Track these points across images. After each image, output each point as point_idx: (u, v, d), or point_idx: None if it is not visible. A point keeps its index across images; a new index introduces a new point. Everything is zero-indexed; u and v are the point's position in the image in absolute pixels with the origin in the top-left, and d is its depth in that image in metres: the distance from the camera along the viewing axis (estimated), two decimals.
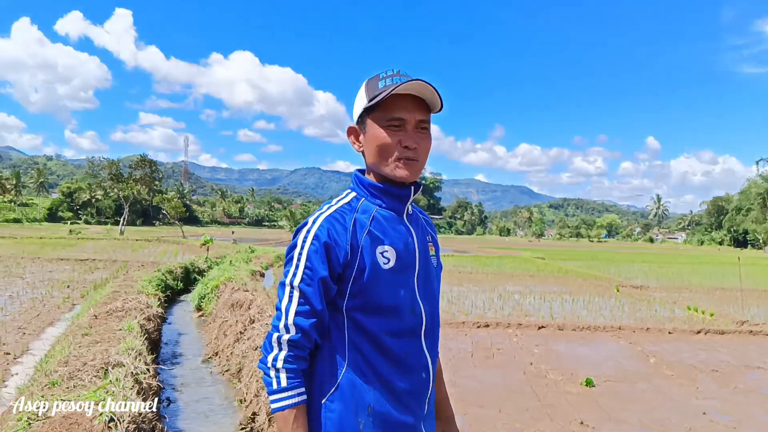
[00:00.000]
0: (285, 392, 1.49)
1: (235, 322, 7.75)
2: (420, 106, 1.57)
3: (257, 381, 5.12)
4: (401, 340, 1.58)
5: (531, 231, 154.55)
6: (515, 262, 30.28)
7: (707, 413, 5.52)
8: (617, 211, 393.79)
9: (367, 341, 1.55)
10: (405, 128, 1.56)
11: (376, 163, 1.60)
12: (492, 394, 5.90)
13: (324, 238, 1.51)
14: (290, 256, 1.56)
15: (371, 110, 1.58)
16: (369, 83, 1.60)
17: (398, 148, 1.56)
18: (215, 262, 19.33)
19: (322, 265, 1.50)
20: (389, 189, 1.62)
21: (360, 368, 1.54)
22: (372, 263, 1.54)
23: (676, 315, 11.95)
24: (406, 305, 1.59)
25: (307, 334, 1.51)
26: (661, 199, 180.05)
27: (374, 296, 1.54)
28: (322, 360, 1.56)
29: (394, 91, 1.50)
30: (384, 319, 1.56)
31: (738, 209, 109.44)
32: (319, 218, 1.56)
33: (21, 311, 9.55)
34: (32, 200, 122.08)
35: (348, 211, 1.60)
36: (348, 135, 1.68)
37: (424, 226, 1.79)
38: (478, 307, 11.99)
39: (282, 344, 1.51)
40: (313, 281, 1.51)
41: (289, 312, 1.51)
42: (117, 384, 3.77)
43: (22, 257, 20.41)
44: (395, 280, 1.57)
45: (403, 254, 1.60)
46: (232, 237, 50.44)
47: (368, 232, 1.56)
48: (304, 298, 1.51)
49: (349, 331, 1.56)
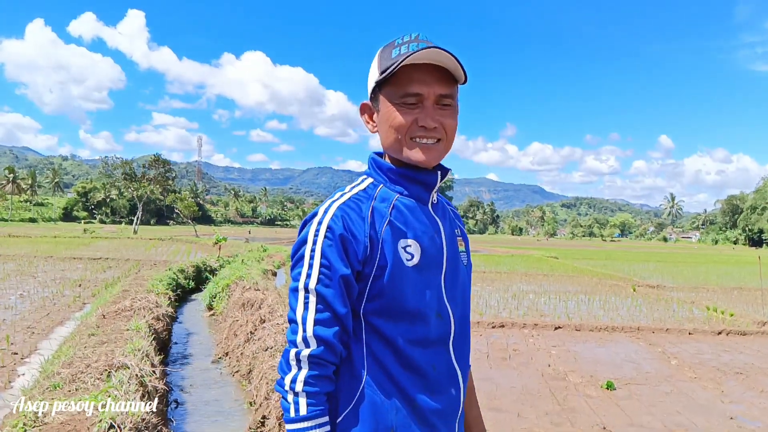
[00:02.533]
0: (304, 422, 1.23)
1: (245, 322, 7.62)
2: (441, 78, 1.31)
3: (267, 383, 4.97)
4: (427, 351, 1.34)
5: (543, 230, 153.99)
6: (528, 261, 30.03)
7: (734, 418, 5.30)
8: (630, 210, 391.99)
9: (389, 352, 1.31)
10: (423, 105, 1.31)
11: (391, 146, 1.36)
12: (510, 396, 5.72)
13: (339, 230, 1.27)
14: (300, 254, 1.30)
15: (383, 84, 1.33)
16: (383, 52, 1.36)
17: (415, 129, 1.32)
18: (227, 260, 19.28)
19: (340, 261, 1.26)
20: (412, 174, 1.38)
21: (381, 384, 1.30)
22: (394, 259, 1.30)
23: (695, 315, 11.69)
24: (431, 309, 1.35)
25: (331, 346, 1.25)
26: (674, 198, 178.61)
27: (397, 299, 1.30)
28: (337, 374, 1.31)
29: (407, 61, 1.26)
30: (407, 325, 1.32)
31: (753, 208, 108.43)
32: (331, 207, 1.31)
33: (31, 310, 9.49)
34: (48, 200, 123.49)
35: (365, 198, 1.35)
36: (361, 113, 1.45)
37: (452, 218, 1.53)
38: (492, 307, 11.79)
39: (302, 362, 1.25)
40: (332, 281, 1.25)
41: (306, 322, 1.25)
42: (119, 387, 3.63)
43: (36, 256, 20.48)
44: (420, 279, 1.33)
45: (428, 249, 1.36)
46: (248, 236, 50.87)
47: (389, 223, 1.32)
48: (323, 302, 1.25)
49: (368, 339, 1.31)
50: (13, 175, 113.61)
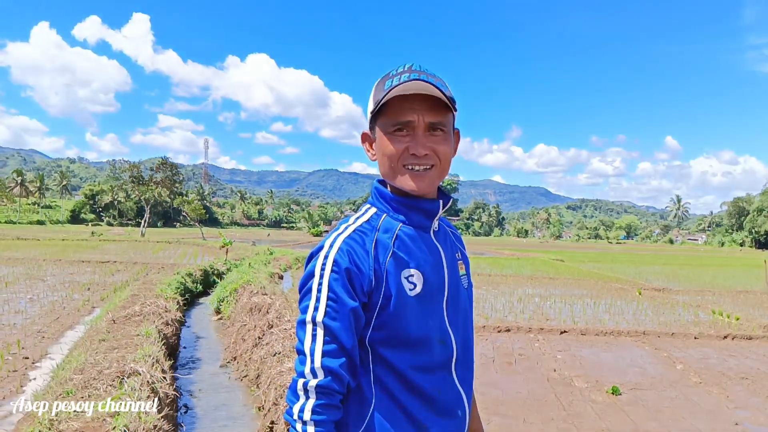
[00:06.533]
0: None
1: (253, 327, 7.69)
2: (432, 107, 1.36)
3: (275, 388, 5.03)
4: (432, 376, 1.40)
5: (549, 232, 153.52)
6: (534, 264, 29.99)
7: (740, 424, 5.32)
8: (636, 212, 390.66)
9: (396, 378, 1.36)
10: (414, 133, 1.36)
11: (386, 174, 1.42)
12: (515, 402, 5.76)
13: (345, 264, 1.31)
14: (307, 287, 1.34)
15: (378, 115, 1.40)
16: (378, 84, 1.41)
17: (407, 157, 1.37)
18: (234, 264, 19.36)
19: (346, 294, 1.30)
20: (413, 203, 1.43)
21: (389, 410, 1.35)
22: (397, 290, 1.35)
23: (700, 319, 11.68)
24: (434, 336, 1.41)
25: (338, 376, 1.30)
26: (680, 200, 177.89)
27: (401, 328, 1.36)
28: (346, 402, 1.36)
29: (397, 92, 1.32)
30: (411, 353, 1.37)
31: (759, 210, 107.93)
32: (336, 240, 1.36)
33: (41, 314, 9.57)
34: (55, 202, 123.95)
35: (368, 230, 1.40)
36: (362, 142, 1.51)
37: (453, 242, 1.58)
38: (498, 311, 11.81)
39: (309, 392, 1.29)
40: (338, 314, 1.30)
41: (314, 354, 1.30)
42: (132, 394, 3.69)
43: (44, 259, 20.56)
44: (422, 308, 1.39)
45: (431, 278, 1.41)
46: (267, 238, 51.59)
47: (392, 254, 1.37)
48: (330, 335, 1.30)
49: (375, 367, 1.37)
50: (21, 177, 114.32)
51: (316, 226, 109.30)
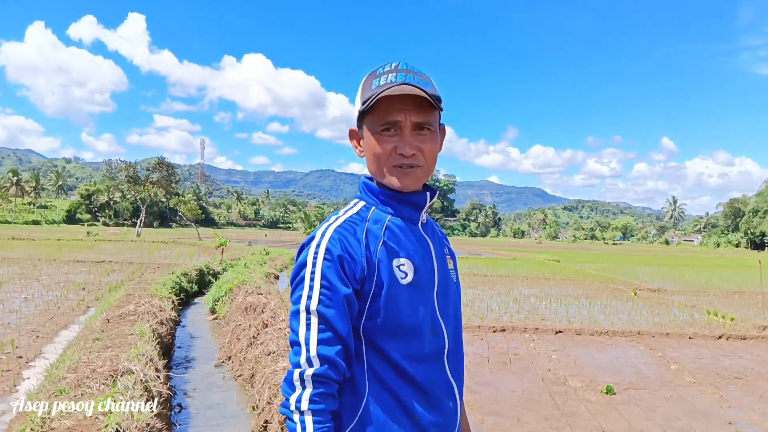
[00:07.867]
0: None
1: (248, 326, 7.67)
2: (419, 106, 1.38)
3: (270, 387, 5.03)
4: (424, 366, 1.40)
5: (545, 233, 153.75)
6: (530, 264, 30.03)
7: (733, 423, 5.34)
8: (632, 213, 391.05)
9: (389, 368, 1.36)
10: (401, 132, 1.38)
11: (374, 172, 1.45)
12: (510, 401, 5.77)
13: (338, 252, 1.33)
14: (300, 277, 1.34)
15: (365, 114, 1.41)
16: (365, 82, 1.43)
17: (394, 156, 1.39)
18: (230, 264, 19.33)
19: (340, 281, 1.31)
20: (401, 195, 1.45)
21: (384, 400, 1.35)
22: (390, 278, 1.36)
23: (695, 319, 11.72)
24: (426, 325, 1.41)
25: (334, 364, 1.28)
26: (676, 201, 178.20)
27: (394, 316, 1.36)
28: (340, 392, 1.35)
29: (383, 94, 1.34)
30: (404, 341, 1.37)
31: (755, 211, 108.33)
32: (328, 230, 1.37)
33: (35, 314, 9.55)
34: (51, 202, 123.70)
35: (359, 221, 1.42)
36: (350, 139, 1.52)
37: (441, 237, 1.61)
38: (493, 311, 11.83)
39: (306, 381, 1.27)
40: (333, 301, 1.30)
41: (309, 342, 1.28)
42: (125, 393, 3.68)
43: (39, 259, 20.52)
44: (414, 296, 1.39)
45: (421, 268, 1.43)
46: (265, 238, 51.82)
47: (383, 243, 1.39)
48: (325, 322, 1.29)
49: (368, 357, 1.37)
50: (17, 177, 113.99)
51: (312, 227, 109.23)
